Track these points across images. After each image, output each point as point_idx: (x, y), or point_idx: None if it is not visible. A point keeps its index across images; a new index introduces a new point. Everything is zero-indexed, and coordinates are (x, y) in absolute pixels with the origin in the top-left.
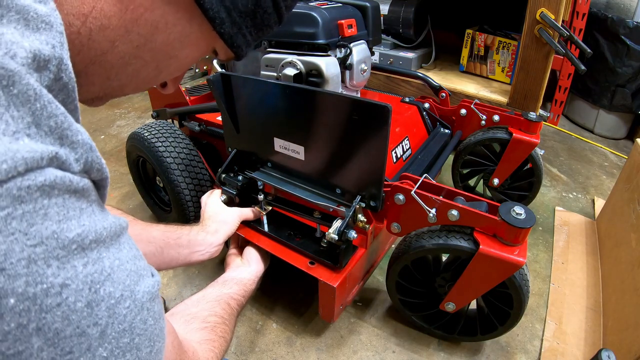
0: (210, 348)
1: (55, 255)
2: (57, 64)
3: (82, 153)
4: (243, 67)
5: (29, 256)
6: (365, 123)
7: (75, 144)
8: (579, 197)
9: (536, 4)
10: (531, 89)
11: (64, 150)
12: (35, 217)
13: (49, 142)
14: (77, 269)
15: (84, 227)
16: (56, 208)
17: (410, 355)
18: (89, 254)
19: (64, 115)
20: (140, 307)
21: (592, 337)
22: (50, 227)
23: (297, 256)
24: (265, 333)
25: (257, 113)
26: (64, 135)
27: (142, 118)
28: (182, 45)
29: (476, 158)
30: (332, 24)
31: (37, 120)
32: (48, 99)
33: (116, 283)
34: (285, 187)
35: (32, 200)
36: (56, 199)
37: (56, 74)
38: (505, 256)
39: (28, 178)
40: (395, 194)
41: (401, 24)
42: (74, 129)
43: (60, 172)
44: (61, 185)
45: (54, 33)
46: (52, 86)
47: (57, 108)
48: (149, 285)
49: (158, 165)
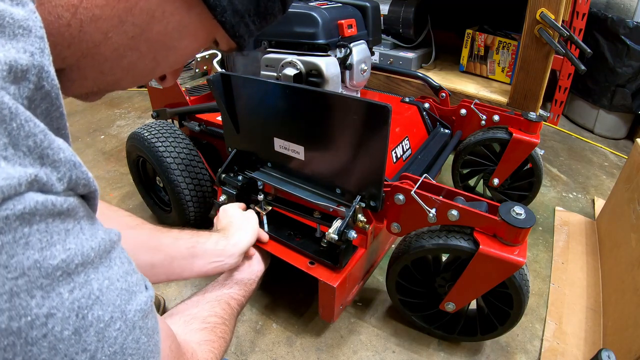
0: (209, 349)
1: (39, 285)
2: (37, 73)
3: (65, 172)
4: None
5: (10, 290)
6: (365, 123)
7: (57, 163)
8: (579, 197)
9: (536, 4)
10: (531, 89)
11: (44, 171)
12: (15, 247)
13: (28, 162)
14: (63, 296)
15: (70, 251)
16: (38, 235)
17: (410, 355)
18: (76, 278)
19: (43, 134)
20: (132, 327)
21: (592, 337)
22: (32, 256)
23: (297, 256)
24: (265, 333)
25: (257, 113)
26: (44, 155)
27: (142, 118)
28: (181, 36)
29: (476, 158)
30: (332, 24)
31: (14, 140)
32: (25, 116)
33: (105, 305)
34: (285, 187)
35: (12, 230)
36: (38, 225)
37: (36, 83)
38: (505, 256)
39: (6, 208)
40: (395, 194)
41: (401, 24)
42: (55, 147)
43: (41, 197)
44: (43, 210)
45: (32, 39)
46: (33, 96)
47: (35, 126)
48: (142, 302)
49: (158, 165)
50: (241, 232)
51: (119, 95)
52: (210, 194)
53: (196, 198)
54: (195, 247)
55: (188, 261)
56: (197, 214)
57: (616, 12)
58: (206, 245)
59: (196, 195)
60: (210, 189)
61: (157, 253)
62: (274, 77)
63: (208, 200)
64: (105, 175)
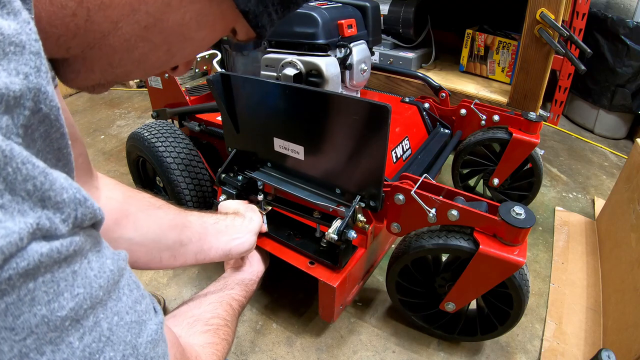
0: (213, 352)
1: (48, 340)
2: (32, 97)
3: (70, 212)
4: (243, 67)
5: (20, 352)
6: (365, 123)
7: (60, 204)
8: (579, 197)
9: (536, 4)
10: (531, 89)
11: (46, 214)
12: (20, 306)
13: (27, 208)
14: (73, 345)
15: (78, 296)
16: (44, 287)
17: (410, 355)
18: (85, 322)
19: (43, 175)
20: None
21: (592, 337)
22: (39, 312)
23: (297, 256)
24: (265, 333)
25: (256, 113)
26: (45, 197)
27: (142, 118)
28: (199, 26)
29: (476, 158)
30: (332, 24)
31: (11, 185)
32: (22, 158)
33: (116, 345)
34: (285, 187)
35: (16, 289)
36: (43, 277)
37: (33, 108)
38: (505, 256)
39: (8, 268)
40: (395, 194)
41: (401, 24)
42: (57, 187)
43: (45, 246)
44: (48, 261)
45: (26, 57)
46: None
47: (34, 167)
48: (152, 332)
49: (158, 165)
50: (251, 213)
51: (119, 95)
52: (210, 194)
53: (196, 198)
54: (217, 222)
55: (215, 237)
56: None
57: (616, 12)
58: (227, 222)
59: (196, 195)
60: (210, 189)
61: (186, 230)
62: (274, 77)
63: (208, 200)
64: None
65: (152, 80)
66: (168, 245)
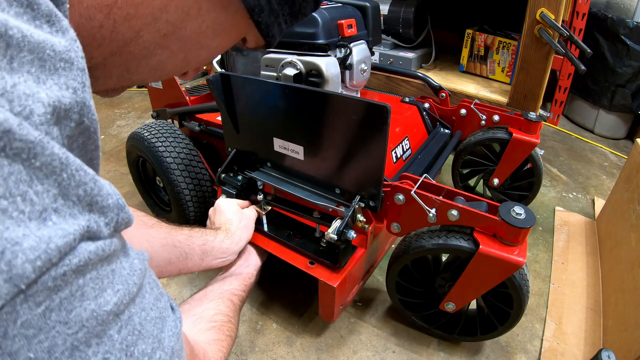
0: (219, 348)
1: (96, 333)
2: (79, 110)
3: (113, 217)
4: (243, 67)
5: (72, 345)
6: (365, 123)
7: (105, 209)
8: (579, 197)
9: (536, 4)
10: (531, 89)
11: (93, 218)
12: (72, 301)
13: (77, 212)
14: (114, 338)
15: (119, 292)
16: (92, 284)
17: (410, 355)
18: (122, 316)
19: (93, 181)
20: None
21: (592, 337)
22: (89, 306)
23: (297, 256)
24: (265, 333)
25: (256, 113)
26: (93, 202)
27: (142, 118)
28: (215, 34)
29: (476, 158)
30: (332, 24)
31: (64, 191)
32: (76, 166)
33: (146, 338)
34: (285, 187)
35: (68, 285)
36: (90, 274)
37: (77, 120)
38: (505, 256)
39: (62, 264)
40: (395, 194)
41: (401, 24)
42: (104, 194)
43: (92, 246)
44: (95, 258)
45: (74, 72)
46: (73, 133)
47: (85, 175)
48: (172, 327)
49: (158, 165)
50: (240, 231)
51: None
52: (210, 194)
53: (196, 198)
54: (205, 244)
55: (199, 257)
56: (197, 214)
57: (616, 12)
58: (214, 244)
59: (196, 195)
60: (210, 189)
61: (174, 250)
62: (273, 77)
63: (208, 200)
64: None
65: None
66: (157, 263)
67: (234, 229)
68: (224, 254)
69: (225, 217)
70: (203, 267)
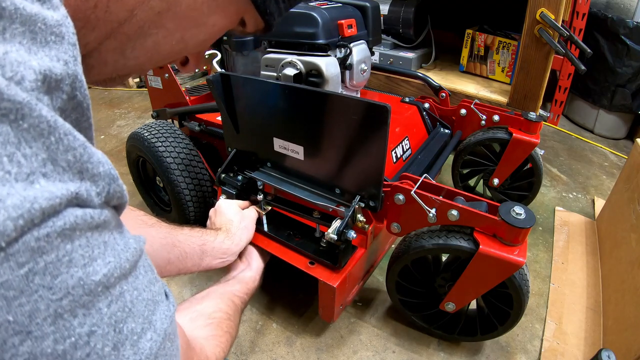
0: (217, 344)
1: (82, 303)
2: (70, 83)
3: (104, 186)
4: (243, 67)
5: (55, 312)
6: (365, 123)
7: (96, 177)
8: (579, 197)
9: (536, 4)
10: (531, 89)
11: (84, 186)
12: (59, 266)
13: (67, 178)
14: (102, 311)
15: (110, 264)
16: (80, 251)
17: (410, 355)
18: (112, 291)
19: (83, 147)
20: (162, 336)
21: (592, 337)
22: (76, 274)
23: (297, 256)
24: (265, 333)
25: (256, 113)
26: (84, 169)
27: (142, 118)
28: (210, 11)
29: (476, 158)
30: (332, 24)
31: (53, 155)
32: (64, 130)
33: (137, 317)
34: (285, 187)
35: (54, 249)
36: (79, 240)
37: (70, 93)
38: (505, 256)
39: (46, 225)
40: (395, 194)
41: (401, 24)
42: (95, 161)
43: (80, 211)
44: (83, 224)
45: (65, 46)
46: (65, 106)
47: (75, 139)
48: (165, 310)
49: (158, 165)
50: (242, 231)
51: (119, 96)
52: (210, 194)
53: (196, 198)
54: (205, 244)
55: (199, 257)
56: (197, 214)
57: (616, 12)
58: (214, 244)
59: (196, 195)
60: (210, 189)
61: (173, 249)
62: (274, 77)
63: (208, 200)
64: None
65: (152, 81)
66: (157, 263)
67: (235, 230)
68: (224, 254)
69: (225, 218)
70: (203, 267)
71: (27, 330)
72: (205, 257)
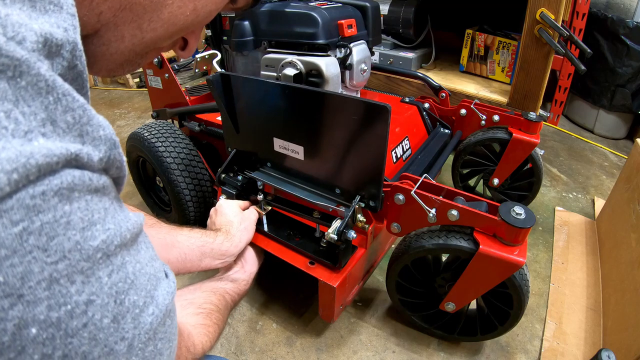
0: (205, 332)
1: (80, 269)
2: (71, 50)
3: (106, 150)
4: (243, 67)
5: (50, 276)
6: (365, 123)
7: (97, 141)
8: (579, 197)
9: (536, 4)
10: (531, 89)
11: (85, 149)
12: (56, 228)
13: (68, 140)
14: (102, 280)
15: (109, 231)
16: (79, 213)
17: (410, 355)
18: (114, 260)
19: (82, 108)
20: (164, 312)
21: (592, 337)
22: (74, 237)
23: (297, 256)
24: (265, 333)
25: (256, 113)
26: (84, 132)
27: (142, 118)
28: None
29: (476, 158)
30: (332, 24)
31: (52, 115)
32: (63, 90)
33: (139, 290)
34: (285, 187)
35: (51, 209)
36: (78, 202)
37: (70, 61)
38: (505, 256)
39: (42, 183)
40: (395, 194)
41: (401, 24)
42: (95, 123)
43: (78, 172)
44: (81, 186)
45: (64, 15)
46: (65, 74)
47: (74, 100)
48: (166, 286)
49: (158, 165)
50: (240, 233)
51: (119, 96)
52: (210, 194)
53: (196, 198)
54: (204, 245)
55: (198, 257)
56: (197, 214)
57: (616, 12)
58: (213, 245)
59: (196, 195)
60: (210, 189)
61: (173, 250)
62: (274, 77)
63: (208, 200)
64: None
65: (152, 81)
66: None
67: (234, 231)
68: (223, 255)
69: (226, 219)
70: (202, 268)
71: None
72: (205, 259)
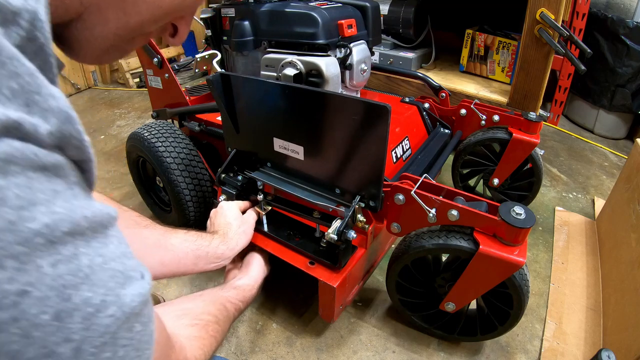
0: (199, 346)
1: (12, 253)
2: (30, 20)
3: (56, 123)
4: (243, 67)
5: None
6: (365, 123)
7: (46, 112)
8: (579, 197)
9: (536, 4)
10: (531, 89)
11: (30, 120)
12: None
13: (11, 108)
14: (43, 269)
15: (56, 215)
16: (15, 189)
17: (410, 355)
18: (61, 249)
19: (31, 76)
20: (128, 313)
21: (592, 337)
22: (6, 214)
23: (297, 256)
24: (265, 333)
25: (256, 113)
26: (31, 101)
27: (142, 118)
28: None
29: (476, 158)
30: (332, 24)
31: None
32: (9, 53)
33: (96, 286)
34: (285, 187)
35: None
36: (15, 178)
37: (29, 32)
38: (505, 256)
39: None
40: (395, 194)
41: (401, 24)
42: (45, 93)
43: (18, 143)
44: (22, 159)
45: None
46: (24, 47)
47: (21, 65)
48: (139, 287)
49: (158, 165)
50: (238, 236)
51: (119, 96)
52: (210, 194)
53: (196, 198)
54: (199, 249)
55: (192, 261)
56: (197, 214)
57: (616, 12)
58: (208, 249)
59: (196, 195)
60: (210, 189)
61: (167, 252)
62: (274, 77)
63: (208, 200)
64: (105, 175)
65: (152, 81)
66: (150, 264)
67: (232, 235)
68: (218, 259)
69: (225, 221)
70: (197, 271)
71: None
72: (199, 262)
